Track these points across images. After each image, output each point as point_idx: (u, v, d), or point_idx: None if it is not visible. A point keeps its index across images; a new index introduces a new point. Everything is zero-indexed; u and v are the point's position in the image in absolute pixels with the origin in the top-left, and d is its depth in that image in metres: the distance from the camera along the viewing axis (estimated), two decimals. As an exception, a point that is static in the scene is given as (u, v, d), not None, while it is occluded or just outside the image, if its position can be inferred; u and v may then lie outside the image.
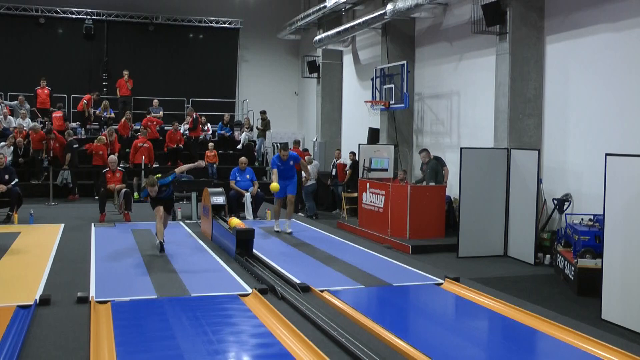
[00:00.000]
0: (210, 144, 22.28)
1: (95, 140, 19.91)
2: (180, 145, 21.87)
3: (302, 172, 18.78)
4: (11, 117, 21.13)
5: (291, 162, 13.47)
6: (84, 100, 22.41)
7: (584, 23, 12.78)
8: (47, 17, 25.18)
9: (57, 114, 21.66)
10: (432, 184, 15.14)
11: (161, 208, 11.15)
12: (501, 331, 7.46)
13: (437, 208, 14.84)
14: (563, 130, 13.30)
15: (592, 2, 12.58)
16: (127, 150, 21.27)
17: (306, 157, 19.26)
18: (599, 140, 12.24)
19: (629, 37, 11.75)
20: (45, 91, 22.20)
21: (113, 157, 15.27)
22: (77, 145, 20.08)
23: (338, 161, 20.30)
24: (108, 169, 14.79)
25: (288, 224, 13.52)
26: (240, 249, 10.40)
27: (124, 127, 21.83)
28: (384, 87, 18.32)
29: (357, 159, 18.58)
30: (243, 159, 15.95)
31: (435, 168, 15.30)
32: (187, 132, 22.37)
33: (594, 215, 11.47)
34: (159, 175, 11.22)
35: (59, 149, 19.73)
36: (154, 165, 20.71)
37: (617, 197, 8.96)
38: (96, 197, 18.66)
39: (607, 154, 9.18)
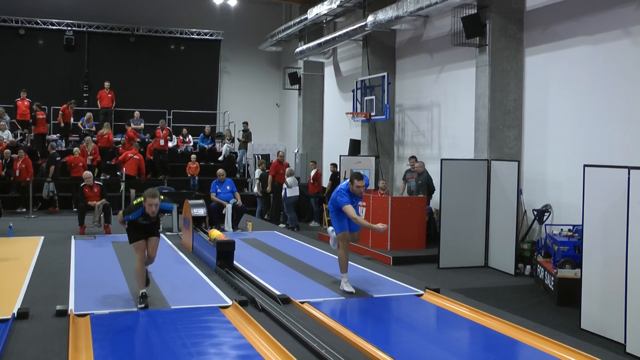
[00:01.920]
0: (193, 156, 22.29)
1: (73, 152, 19.87)
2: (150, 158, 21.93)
3: (284, 184, 18.90)
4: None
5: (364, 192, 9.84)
6: (60, 111, 22.34)
7: (562, 35, 12.90)
8: (27, 28, 25.07)
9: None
10: (420, 195, 15.22)
11: (142, 242, 8.52)
12: (481, 341, 7.47)
13: (418, 219, 14.88)
14: (542, 141, 13.40)
15: (571, 15, 12.70)
16: (108, 162, 21.24)
17: (287, 169, 19.30)
18: (577, 152, 12.34)
19: (606, 50, 11.87)
20: (25, 103, 22.02)
21: (88, 173, 15.07)
22: (59, 158, 19.98)
23: (312, 172, 20.31)
24: (85, 183, 14.62)
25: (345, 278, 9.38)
26: (221, 261, 10.36)
27: (109, 140, 21.81)
28: (365, 98, 18.38)
29: (337, 170, 18.65)
30: (220, 170, 15.93)
31: (427, 181, 15.38)
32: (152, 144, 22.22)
33: (573, 225, 11.55)
34: (162, 196, 8.47)
35: (24, 170, 19.03)
36: (147, 178, 20.66)
37: (595, 207, 9.04)
38: (75, 210, 18.59)
39: (585, 165, 9.27)
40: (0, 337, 6.67)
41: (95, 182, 14.82)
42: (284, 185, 18.91)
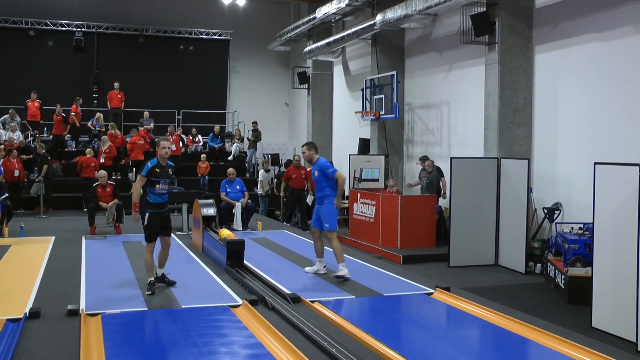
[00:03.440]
0: (203, 156, 22.30)
1: (86, 152, 19.98)
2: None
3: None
4: (1, 131, 21.06)
5: (316, 173, 10.11)
6: (72, 113, 22.38)
7: (572, 33, 12.86)
8: (37, 30, 25.18)
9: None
10: (428, 194, 15.21)
11: (155, 242, 9.10)
12: (492, 340, 7.46)
13: (427, 218, 14.86)
14: (553, 139, 13.36)
15: (580, 12, 12.66)
16: (120, 162, 21.32)
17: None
18: (588, 149, 12.30)
19: (616, 47, 11.83)
20: (36, 104, 22.15)
21: (103, 172, 15.16)
22: (49, 157, 20.10)
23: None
24: (98, 183, 14.68)
25: (343, 267, 9.92)
26: (231, 260, 10.38)
27: (123, 140, 21.91)
28: (374, 97, 18.37)
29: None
30: (231, 170, 15.92)
31: (435, 180, 15.35)
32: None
33: (584, 223, 11.52)
34: None
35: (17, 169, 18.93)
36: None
37: (606, 205, 9.01)
38: (85, 210, 18.65)
39: (595, 163, 9.23)
40: (13, 336, 6.71)
41: (109, 182, 14.87)
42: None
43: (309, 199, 18.26)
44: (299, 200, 18.28)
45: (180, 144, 22.63)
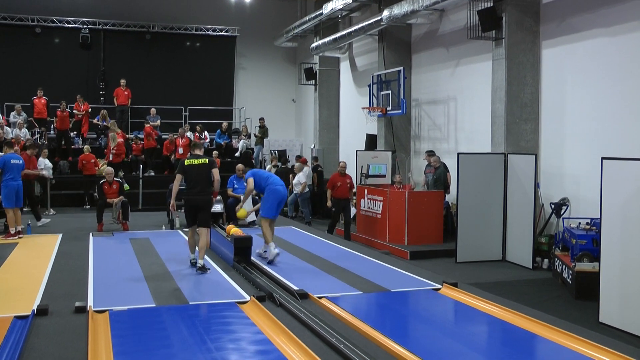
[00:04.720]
0: (215, 152, 22.22)
1: (84, 150, 20.03)
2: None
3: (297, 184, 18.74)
4: (8, 128, 21.08)
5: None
6: (75, 110, 22.40)
7: (579, 27, 12.81)
8: (43, 27, 25.15)
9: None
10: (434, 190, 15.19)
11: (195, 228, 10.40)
12: (500, 336, 7.46)
13: (435, 213, 14.84)
14: (560, 134, 13.33)
15: (587, 7, 12.61)
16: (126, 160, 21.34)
17: (296, 164, 19.26)
18: (595, 144, 12.26)
19: (623, 41, 11.78)
20: (42, 101, 22.16)
21: (110, 169, 15.14)
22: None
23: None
24: (105, 180, 14.68)
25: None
26: (239, 257, 10.40)
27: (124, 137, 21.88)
28: (381, 93, 18.34)
29: (320, 164, 18.32)
30: (240, 166, 15.93)
31: (442, 176, 15.31)
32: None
33: (591, 219, 11.49)
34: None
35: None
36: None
37: (613, 200, 8.98)
38: (86, 207, 18.74)
39: (603, 158, 9.20)
40: (21, 333, 6.74)
41: (115, 179, 14.88)
42: (294, 182, 18.90)
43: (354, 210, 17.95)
44: (344, 210, 16.25)
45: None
